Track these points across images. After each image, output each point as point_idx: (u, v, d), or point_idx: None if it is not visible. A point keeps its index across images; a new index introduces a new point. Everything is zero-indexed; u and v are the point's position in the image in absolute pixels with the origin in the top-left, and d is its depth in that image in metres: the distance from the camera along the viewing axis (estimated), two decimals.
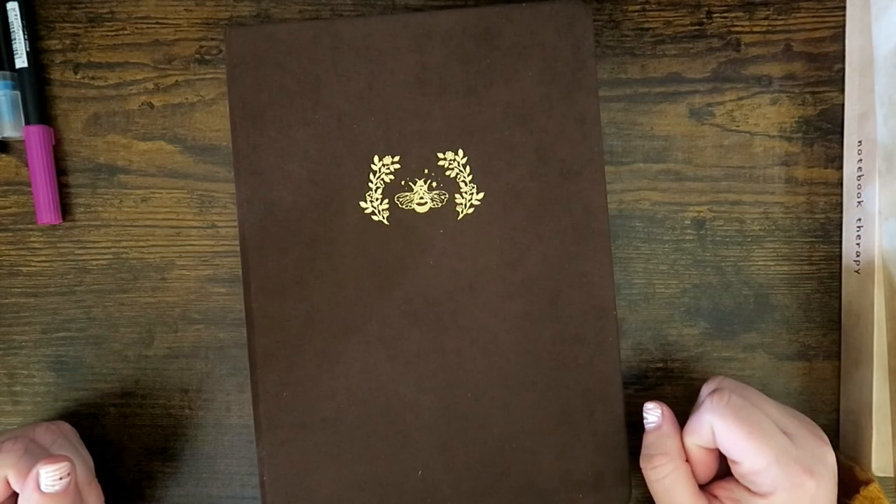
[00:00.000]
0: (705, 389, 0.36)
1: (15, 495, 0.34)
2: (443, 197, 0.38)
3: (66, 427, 0.39)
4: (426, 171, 0.38)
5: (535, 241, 0.37)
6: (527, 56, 0.37)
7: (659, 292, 0.41)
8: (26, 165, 0.41)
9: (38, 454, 0.34)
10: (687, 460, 0.35)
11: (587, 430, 0.38)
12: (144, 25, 0.41)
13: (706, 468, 0.36)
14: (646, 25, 0.41)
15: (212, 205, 0.41)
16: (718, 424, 0.33)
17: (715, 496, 0.35)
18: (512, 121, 0.37)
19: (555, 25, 0.37)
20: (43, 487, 0.32)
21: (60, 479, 0.33)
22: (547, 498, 0.38)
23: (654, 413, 0.36)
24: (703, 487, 0.35)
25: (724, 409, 0.33)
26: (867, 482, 0.36)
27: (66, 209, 0.41)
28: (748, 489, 0.33)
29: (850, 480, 0.36)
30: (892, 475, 0.38)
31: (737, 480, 0.34)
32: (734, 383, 0.36)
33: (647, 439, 0.36)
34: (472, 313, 0.37)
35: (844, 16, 0.40)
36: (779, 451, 0.32)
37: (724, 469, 0.36)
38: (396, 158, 0.37)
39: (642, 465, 0.36)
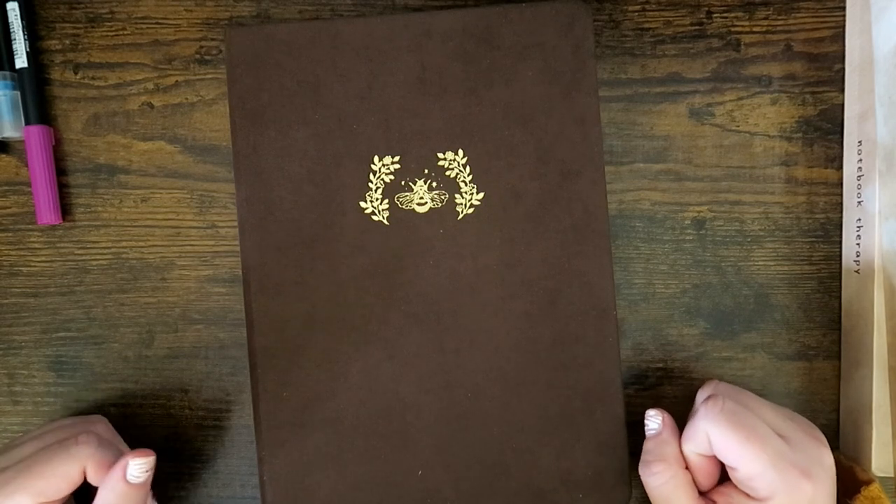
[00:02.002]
0: (700, 395, 0.36)
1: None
2: (443, 197, 0.38)
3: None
4: (426, 171, 0.38)
5: (535, 241, 0.37)
6: (527, 56, 0.37)
7: (659, 292, 0.41)
8: (26, 165, 0.41)
9: (109, 447, 0.36)
10: (687, 467, 0.35)
11: (587, 430, 0.38)
12: (144, 25, 0.41)
13: (706, 475, 0.35)
14: (646, 25, 0.41)
15: (212, 205, 0.41)
16: (713, 431, 0.33)
17: (714, 502, 0.35)
18: (512, 121, 0.37)
19: (555, 25, 0.37)
20: (129, 478, 0.34)
21: (147, 471, 0.35)
22: (547, 498, 0.38)
23: (654, 420, 0.36)
24: (704, 494, 0.35)
25: (719, 415, 0.33)
26: (868, 482, 0.36)
27: (66, 209, 0.41)
28: (746, 494, 0.33)
29: (851, 481, 0.36)
30: (892, 475, 0.38)
31: (735, 486, 0.34)
32: (729, 388, 0.35)
33: (647, 446, 0.36)
34: (472, 313, 0.37)
35: (844, 16, 0.40)
36: (775, 455, 0.32)
37: (725, 475, 0.36)
38: (396, 158, 0.37)
39: (641, 471, 0.36)
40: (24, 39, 0.40)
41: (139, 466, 0.34)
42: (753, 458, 0.32)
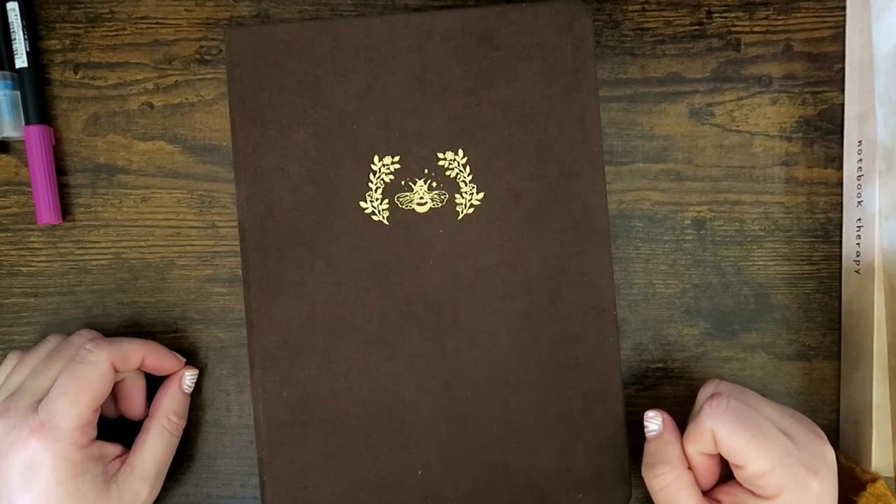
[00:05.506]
0: (702, 394, 0.36)
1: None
2: (443, 197, 0.38)
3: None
4: (426, 171, 0.38)
5: (535, 241, 0.37)
6: (527, 56, 0.37)
7: (659, 292, 0.41)
8: (26, 165, 0.41)
9: (113, 341, 0.37)
10: (689, 467, 0.35)
11: (587, 430, 0.38)
12: (144, 25, 0.41)
13: (708, 474, 0.35)
14: (646, 25, 0.41)
15: (212, 205, 0.41)
16: (719, 430, 0.33)
17: (719, 501, 0.35)
18: (512, 121, 0.37)
19: (555, 25, 0.37)
20: (184, 387, 0.39)
21: (195, 381, 0.40)
22: (547, 498, 0.38)
23: (654, 421, 0.36)
24: (707, 493, 0.35)
25: (724, 414, 0.33)
26: (873, 480, 0.36)
27: (66, 209, 0.41)
28: (753, 493, 0.33)
29: (852, 480, 0.36)
30: (892, 475, 0.38)
31: (741, 484, 0.34)
32: (731, 386, 0.35)
33: (649, 448, 0.36)
34: (472, 313, 0.37)
35: (844, 16, 0.40)
36: (781, 452, 0.32)
37: (725, 473, 0.36)
38: (396, 158, 0.37)
39: (644, 474, 0.36)
40: (24, 39, 0.40)
41: (191, 377, 0.39)
42: (761, 456, 0.32)
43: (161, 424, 0.38)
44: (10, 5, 0.40)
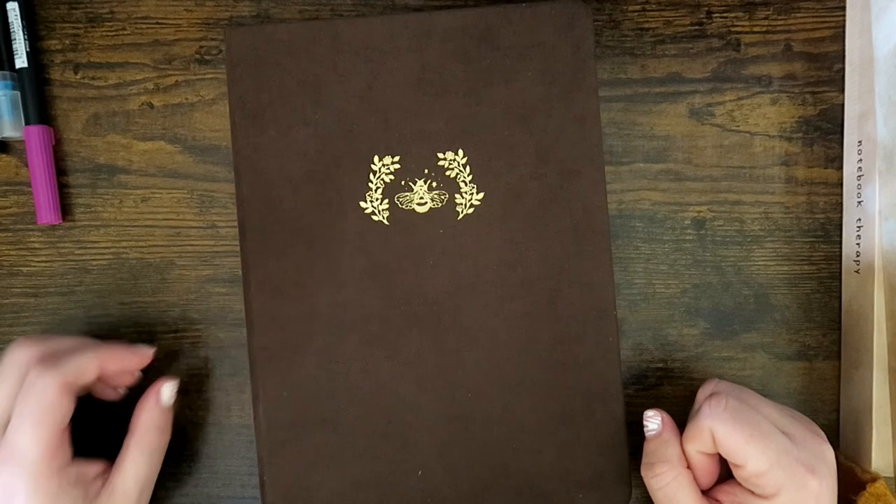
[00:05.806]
0: (701, 394, 0.36)
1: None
2: (443, 197, 0.38)
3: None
4: (426, 171, 0.38)
5: (535, 241, 0.37)
6: (527, 56, 0.37)
7: (659, 292, 0.41)
8: (26, 165, 0.41)
9: (59, 353, 0.35)
10: (688, 467, 0.35)
11: (587, 430, 0.38)
12: (144, 25, 0.41)
13: (708, 473, 0.35)
14: (646, 25, 0.41)
15: (212, 205, 0.41)
16: (718, 429, 0.33)
17: (718, 501, 0.35)
18: (512, 121, 0.37)
19: (555, 25, 0.37)
20: (163, 401, 0.37)
21: (175, 393, 0.38)
22: (547, 498, 0.38)
23: (654, 420, 0.36)
24: (706, 492, 0.35)
25: (723, 413, 0.33)
26: (873, 479, 0.36)
27: (66, 209, 0.41)
28: (752, 492, 0.33)
29: (851, 479, 0.36)
30: (892, 475, 0.38)
31: (740, 484, 0.34)
32: (730, 386, 0.35)
33: (648, 447, 0.36)
34: (472, 313, 0.37)
35: (844, 16, 0.40)
36: (780, 452, 0.32)
37: (724, 472, 0.36)
38: (396, 158, 0.37)
39: (643, 473, 0.36)
40: (24, 39, 0.40)
41: (169, 390, 0.37)
42: (760, 456, 0.32)
43: (140, 442, 0.36)
44: (10, 5, 0.40)
